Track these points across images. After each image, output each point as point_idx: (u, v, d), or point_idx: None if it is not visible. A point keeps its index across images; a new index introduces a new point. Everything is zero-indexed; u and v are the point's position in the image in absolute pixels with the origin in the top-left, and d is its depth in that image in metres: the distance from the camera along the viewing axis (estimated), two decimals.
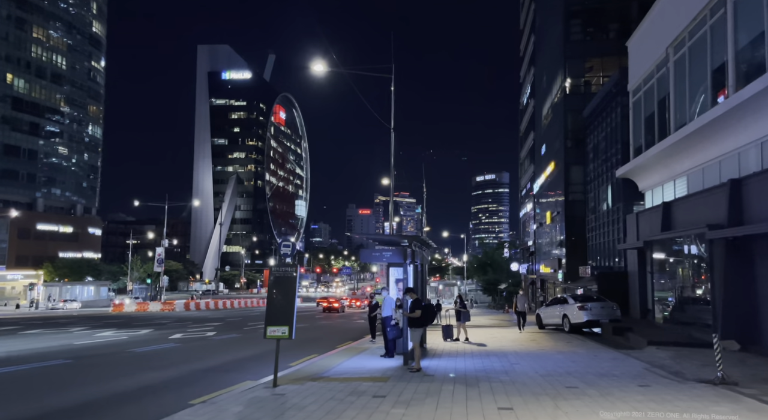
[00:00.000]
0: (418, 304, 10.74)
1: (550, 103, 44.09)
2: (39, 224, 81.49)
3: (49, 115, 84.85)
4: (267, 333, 8.84)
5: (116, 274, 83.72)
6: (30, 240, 79.34)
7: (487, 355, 13.74)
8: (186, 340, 19.10)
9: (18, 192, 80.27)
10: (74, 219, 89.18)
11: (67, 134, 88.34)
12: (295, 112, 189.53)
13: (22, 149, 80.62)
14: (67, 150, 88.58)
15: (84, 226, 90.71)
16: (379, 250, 12.78)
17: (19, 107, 79.87)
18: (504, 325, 31.90)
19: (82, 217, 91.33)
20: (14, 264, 76.65)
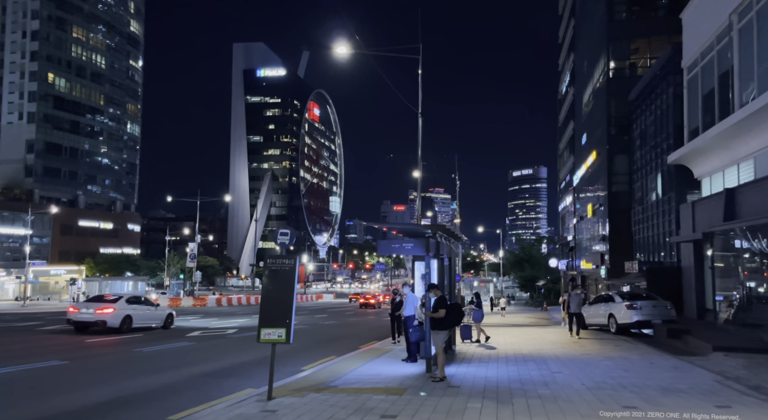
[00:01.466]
0: (442, 303, 9.29)
1: (592, 89, 41.56)
2: (80, 220, 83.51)
3: (89, 114, 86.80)
4: (260, 336, 7.57)
5: (154, 269, 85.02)
6: (72, 236, 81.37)
7: (524, 360, 12.14)
8: (202, 338, 18.17)
9: (60, 189, 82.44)
10: (114, 215, 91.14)
11: (106, 132, 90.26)
12: (329, 108, 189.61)
13: (63, 147, 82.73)
14: (106, 148, 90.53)
15: (123, 223, 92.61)
16: (398, 242, 11.35)
17: (60, 106, 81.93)
18: (542, 323, 30.01)
19: (121, 213, 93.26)
20: (57, 259, 78.68)
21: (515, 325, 28.18)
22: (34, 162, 79.12)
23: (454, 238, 14.67)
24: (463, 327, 16.10)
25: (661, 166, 25.74)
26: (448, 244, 14.17)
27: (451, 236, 13.67)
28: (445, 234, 13.06)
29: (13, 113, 79.83)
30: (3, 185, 78.15)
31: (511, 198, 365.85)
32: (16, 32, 79.96)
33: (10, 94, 79.85)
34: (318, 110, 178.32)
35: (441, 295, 9.49)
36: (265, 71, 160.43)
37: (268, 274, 7.59)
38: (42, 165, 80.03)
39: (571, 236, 54.01)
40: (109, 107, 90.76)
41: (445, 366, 10.55)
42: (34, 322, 24.89)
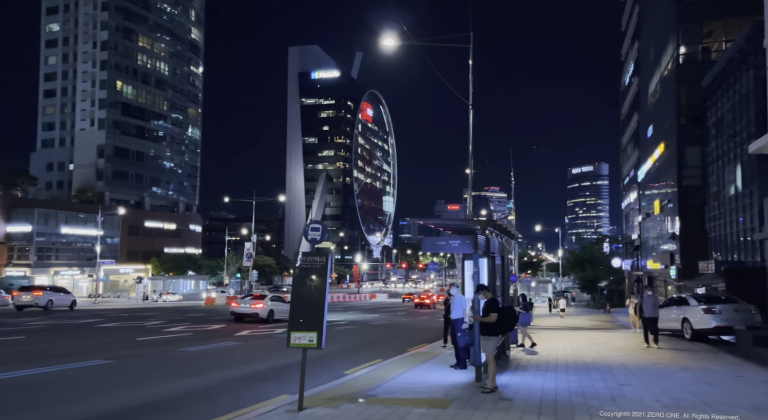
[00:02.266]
0: (493, 306, 8.40)
1: (659, 77, 38.88)
2: (146, 221, 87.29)
3: (153, 119, 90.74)
4: (290, 340, 6.97)
5: (214, 268, 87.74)
6: (139, 236, 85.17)
7: (587, 369, 11.01)
8: (250, 338, 17.99)
9: (128, 191, 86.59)
10: (177, 216, 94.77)
11: (169, 136, 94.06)
12: (382, 108, 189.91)
13: (130, 151, 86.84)
14: (169, 151, 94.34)
15: (186, 223, 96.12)
16: (444, 239, 10.52)
17: (127, 112, 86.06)
18: (606, 327, 28.18)
19: (183, 214, 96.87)
20: (125, 259, 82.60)
21: (576, 329, 26.57)
22: (104, 166, 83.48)
23: (507, 236, 13.65)
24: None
25: (740, 157, 23.46)
26: (501, 241, 13.18)
27: (503, 233, 12.69)
28: (497, 230, 12.10)
29: (85, 120, 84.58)
30: (77, 188, 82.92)
31: (571, 196, 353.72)
32: (87, 43, 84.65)
33: (83, 102, 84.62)
34: (371, 111, 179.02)
35: (492, 297, 8.61)
36: (320, 73, 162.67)
37: (299, 272, 7.01)
38: (111, 169, 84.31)
39: (636, 235, 50.98)
40: (172, 112, 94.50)
41: (498, 374, 9.65)
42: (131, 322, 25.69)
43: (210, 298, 51.96)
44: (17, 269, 65.66)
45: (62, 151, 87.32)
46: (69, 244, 71.87)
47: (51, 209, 69.84)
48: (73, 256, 72.00)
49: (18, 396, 8.14)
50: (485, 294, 8.57)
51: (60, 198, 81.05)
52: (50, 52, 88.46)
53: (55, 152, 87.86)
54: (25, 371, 9.98)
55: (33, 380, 9.31)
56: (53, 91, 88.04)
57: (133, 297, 69.89)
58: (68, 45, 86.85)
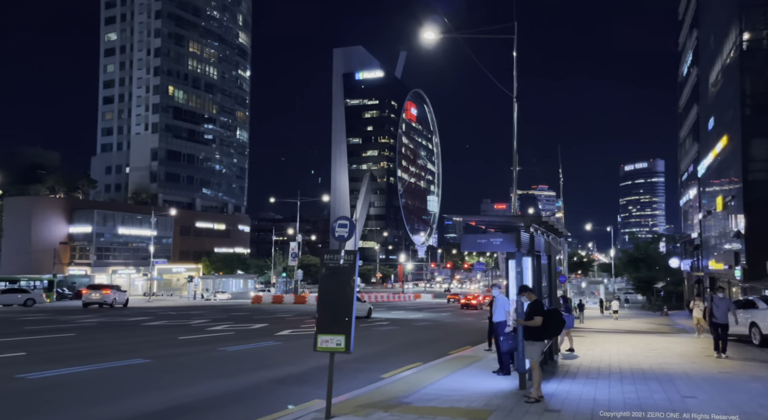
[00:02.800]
0: (537, 309, 7.78)
1: (720, 66, 36.54)
2: (197, 222, 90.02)
3: (203, 122, 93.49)
4: (317, 343, 6.61)
5: (262, 268, 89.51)
6: (190, 236, 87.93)
7: (644, 377, 10.16)
8: (291, 338, 17.86)
9: (179, 193, 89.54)
10: (226, 217, 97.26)
11: (218, 139, 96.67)
12: (426, 107, 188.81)
13: (182, 154, 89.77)
14: (218, 153, 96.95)
15: (235, 224, 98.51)
16: (485, 236, 9.92)
17: (179, 116, 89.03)
18: (664, 331, 26.64)
19: (232, 215, 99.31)
20: (178, 258, 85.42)
21: (630, 332, 25.23)
22: (158, 169, 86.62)
23: (554, 234, 12.89)
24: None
25: None
26: (547, 239, 12.45)
27: (550, 231, 11.95)
28: (543, 228, 11.39)
29: (140, 124, 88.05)
30: (133, 190, 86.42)
31: (624, 194, 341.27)
32: (142, 50, 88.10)
33: (138, 107, 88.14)
34: (415, 110, 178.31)
35: (536, 299, 7.99)
36: (364, 74, 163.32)
37: (325, 272, 6.64)
38: (164, 171, 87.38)
39: (696, 233, 48.22)
40: (221, 115, 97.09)
41: (544, 382, 8.99)
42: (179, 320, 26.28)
43: (257, 297, 52.86)
44: (78, 268, 69.03)
45: (119, 155, 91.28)
46: (125, 244, 74.96)
47: (109, 211, 73.06)
48: (129, 255, 75.04)
49: (47, 396, 8.17)
50: (529, 295, 7.95)
51: (117, 200, 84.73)
52: (109, 60, 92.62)
53: (113, 156, 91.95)
54: (62, 370, 10.10)
55: (66, 380, 9.37)
56: (111, 97, 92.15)
57: (185, 295, 72.15)
58: (125, 53, 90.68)
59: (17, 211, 65.21)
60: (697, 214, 46.84)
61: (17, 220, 64.56)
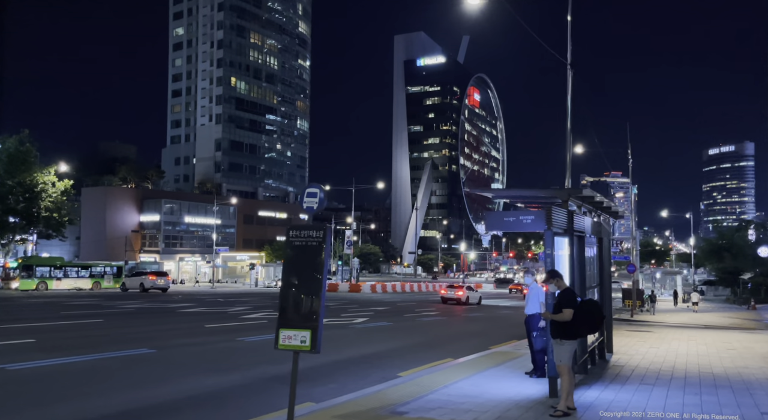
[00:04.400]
0: (567, 300, 6.24)
1: None
2: (260, 211, 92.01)
3: (264, 112, 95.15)
4: (278, 340, 5.40)
5: None
6: (253, 225, 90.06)
7: (714, 384, 8.30)
8: (326, 327, 16.96)
9: (242, 182, 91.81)
10: (287, 206, 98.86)
11: (279, 129, 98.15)
12: (490, 92, 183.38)
13: (244, 144, 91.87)
14: (279, 143, 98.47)
15: (296, 213, 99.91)
16: (513, 214, 8.40)
17: (241, 107, 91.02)
18: (748, 326, 23.61)
19: (293, 204, 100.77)
20: (241, 246, 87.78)
21: (708, 327, 22.49)
22: (221, 159, 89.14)
23: (604, 212, 11.04)
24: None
25: None
26: (597, 219, 10.65)
27: (597, 208, 10.16)
28: (588, 205, 9.65)
29: (204, 116, 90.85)
30: (198, 180, 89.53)
31: (707, 179, 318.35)
32: (205, 43, 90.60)
33: (202, 99, 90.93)
34: (478, 95, 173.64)
35: (567, 287, 6.43)
36: (425, 60, 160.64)
37: (291, 252, 5.42)
38: (227, 161, 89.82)
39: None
40: (282, 106, 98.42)
41: (584, 388, 7.43)
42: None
43: None
44: (148, 255, 72.30)
45: (187, 147, 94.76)
46: (192, 232, 77.73)
47: (175, 200, 75.94)
48: (195, 243, 77.79)
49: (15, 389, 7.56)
50: (558, 283, 6.41)
51: (185, 190, 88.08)
52: (177, 54, 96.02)
53: (181, 147, 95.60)
54: (57, 360, 9.62)
55: (54, 370, 8.84)
56: (179, 90, 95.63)
57: (247, 283, 73.93)
58: (192, 46, 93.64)
59: (93, 202, 69.09)
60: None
61: (93, 209, 68.42)
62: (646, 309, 37.58)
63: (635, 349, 12.68)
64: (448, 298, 33.81)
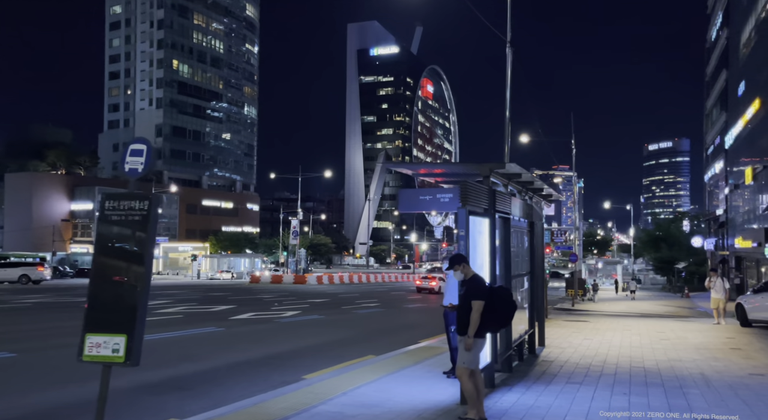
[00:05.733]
0: (476, 289, 5.18)
1: (755, 22, 32.68)
2: (204, 200, 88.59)
3: (209, 98, 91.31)
4: (84, 350, 3.98)
5: (271, 247, 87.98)
6: (197, 215, 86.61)
7: (645, 382, 7.53)
8: (243, 323, 15.56)
9: (185, 170, 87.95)
10: (234, 195, 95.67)
11: (225, 115, 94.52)
12: (443, 84, 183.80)
13: (187, 130, 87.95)
14: (226, 130, 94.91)
15: (243, 202, 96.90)
16: (429, 193, 7.33)
17: (184, 91, 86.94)
18: (682, 314, 23.77)
19: (241, 193, 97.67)
20: (184, 237, 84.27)
21: (645, 316, 22.45)
22: (162, 145, 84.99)
23: (536, 195, 10.16)
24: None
25: None
26: (529, 202, 9.75)
27: (528, 189, 9.25)
28: (516, 185, 8.69)
29: (144, 100, 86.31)
30: None
31: (647, 174, 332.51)
32: (144, 22, 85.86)
33: (142, 81, 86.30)
34: (431, 87, 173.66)
35: (475, 275, 5.37)
36: (379, 50, 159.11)
37: (106, 229, 4.02)
38: (169, 148, 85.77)
39: (721, 210, 44.64)
40: (228, 91, 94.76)
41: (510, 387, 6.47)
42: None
43: (255, 276, 50.96)
44: (80, 246, 68.10)
45: (126, 132, 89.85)
46: None
47: (111, 188, 71.71)
48: None
49: None
50: (464, 270, 5.34)
51: (122, 177, 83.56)
52: (114, 34, 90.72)
53: (120, 133, 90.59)
54: None
55: None
56: (117, 72, 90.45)
57: (189, 274, 70.89)
58: (130, 26, 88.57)
59: (17, 188, 64.30)
60: (723, 189, 43.21)
61: (18, 197, 63.67)
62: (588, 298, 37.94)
63: (569, 341, 11.99)
64: (422, 288, 35.40)
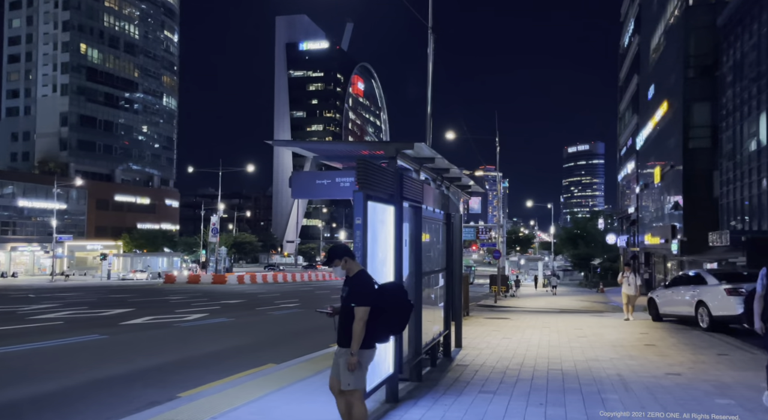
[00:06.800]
0: (360, 290, 4.18)
1: (663, 28, 34.36)
2: (117, 195, 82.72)
3: (123, 86, 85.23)
4: None
5: (191, 245, 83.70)
6: (108, 211, 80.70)
7: (562, 388, 6.88)
8: (131, 329, 13.82)
9: (96, 163, 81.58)
10: (151, 190, 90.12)
11: (141, 105, 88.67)
12: (374, 82, 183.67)
13: (98, 120, 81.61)
14: (142, 121, 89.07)
15: (161, 198, 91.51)
16: (328, 176, 6.29)
17: (93, 78, 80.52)
18: (598, 309, 24.27)
19: (159, 189, 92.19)
20: (94, 234, 78.25)
21: (564, 311, 22.65)
22: (68, 135, 78.37)
23: (453, 184, 9.37)
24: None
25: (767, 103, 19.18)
26: (446, 192, 8.93)
27: (443, 176, 8.41)
28: (430, 171, 7.82)
29: (47, 86, 79.17)
30: (39, 159, 77.99)
31: (567, 175, 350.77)
32: (48, 2, 78.72)
33: (44, 66, 79.11)
34: (362, 84, 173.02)
35: (361, 271, 4.37)
36: (308, 44, 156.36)
37: None
38: (76, 138, 79.23)
39: (632, 208, 46.99)
40: (145, 80, 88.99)
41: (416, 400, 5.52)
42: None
43: (170, 276, 47.82)
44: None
45: (27, 120, 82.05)
46: (28, 218, 67.36)
47: (8, 180, 65.14)
48: (33, 231, 67.56)
49: None
50: (347, 265, 4.32)
51: (22, 169, 76.20)
52: (14, 14, 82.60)
53: (20, 121, 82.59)
54: None
55: None
56: (17, 55, 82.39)
57: (98, 275, 65.82)
58: (32, 6, 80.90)
59: None
60: (635, 189, 45.48)
61: None
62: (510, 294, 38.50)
63: (487, 340, 11.37)
64: None
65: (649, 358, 9.04)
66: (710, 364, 8.55)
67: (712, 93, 26.33)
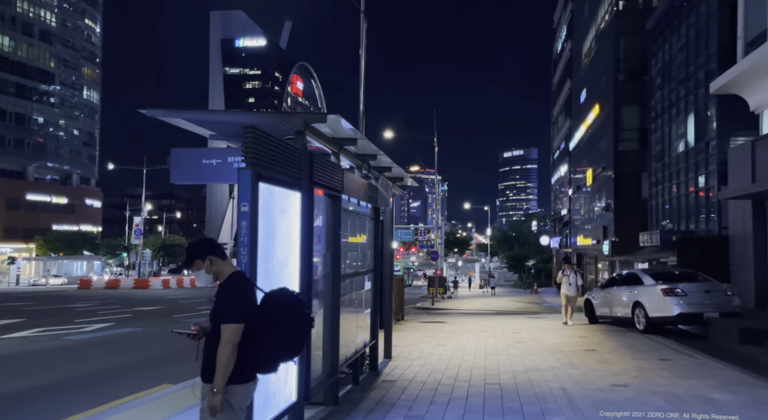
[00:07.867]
0: (230, 301, 2.95)
1: (594, 33, 35.12)
2: (29, 194, 76.19)
3: (37, 77, 78.60)
4: None
5: (115, 248, 78.46)
6: (19, 211, 74.16)
7: (500, 406, 5.90)
8: (12, 344, 11.79)
9: (4, 159, 74.61)
10: (69, 189, 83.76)
11: (58, 98, 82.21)
12: (314, 82, 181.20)
13: (8, 113, 74.78)
14: (59, 115, 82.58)
15: (81, 197, 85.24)
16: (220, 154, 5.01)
17: (3, 67, 73.73)
18: (534, 310, 24.08)
19: (78, 187, 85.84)
20: (3, 236, 71.65)
21: (500, 313, 22.23)
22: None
23: (381, 173, 8.27)
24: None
25: (694, 104, 19.50)
26: (375, 183, 7.82)
27: (369, 164, 7.30)
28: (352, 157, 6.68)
29: None
30: None
31: (503, 179, 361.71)
32: None
33: None
34: (301, 84, 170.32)
35: (233, 274, 3.14)
36: (245, 41, 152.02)
37: None
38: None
39: (565, 210, 48.07)
40: (62, 71, 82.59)
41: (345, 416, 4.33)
42: None
43: (85, 281, 44.10)
44: None
45: None
46: None
47: None
48: None
49: None
50: (215, 267, 3.11)
51: None
52: None
53: None
54: None
55: None
56: None
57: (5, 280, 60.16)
58: None
59: None
60: (568, 191, 46.50)
61: None
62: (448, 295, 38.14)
63: (420, 348, 10.37)
64: None
65: (591, 367, 8.31)
66: (654, 370, 7.92)
67: (642, 96, 26.91)
